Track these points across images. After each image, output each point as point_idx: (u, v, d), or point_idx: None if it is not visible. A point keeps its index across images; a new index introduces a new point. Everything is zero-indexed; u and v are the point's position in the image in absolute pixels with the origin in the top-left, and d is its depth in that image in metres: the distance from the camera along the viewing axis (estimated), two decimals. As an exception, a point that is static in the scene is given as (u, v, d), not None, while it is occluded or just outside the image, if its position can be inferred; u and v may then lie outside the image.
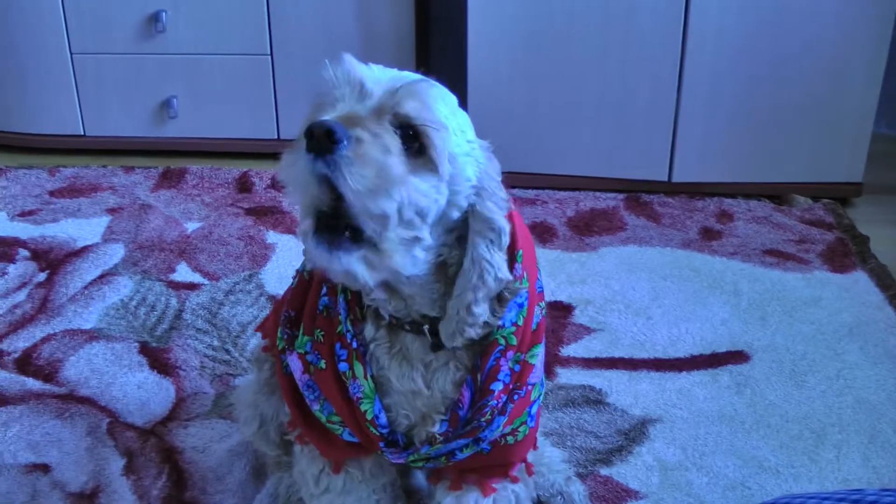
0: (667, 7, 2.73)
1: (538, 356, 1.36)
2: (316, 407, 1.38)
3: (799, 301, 2.36)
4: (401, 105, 1.12)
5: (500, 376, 1.31)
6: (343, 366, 1.32)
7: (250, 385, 1.67)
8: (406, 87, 1.14)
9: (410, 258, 1.16)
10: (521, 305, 1.32)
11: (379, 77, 1.16)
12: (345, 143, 1.07)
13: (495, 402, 1.32)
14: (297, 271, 1.48)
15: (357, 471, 1.48)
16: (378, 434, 1.35)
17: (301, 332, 1.38)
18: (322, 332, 1.33)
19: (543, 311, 1.39)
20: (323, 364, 1.33)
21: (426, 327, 1.28)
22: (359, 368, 1.31)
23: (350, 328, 1.31)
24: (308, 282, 1.41)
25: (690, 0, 2.72)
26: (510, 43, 2.83)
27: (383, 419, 1.34)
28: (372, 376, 1.33)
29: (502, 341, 1.30)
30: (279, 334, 1.45)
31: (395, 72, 1.19)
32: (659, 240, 2.67)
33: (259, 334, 1.67)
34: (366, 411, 1.33)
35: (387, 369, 1.32)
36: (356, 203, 1.08)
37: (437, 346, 1.29)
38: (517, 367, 1.33)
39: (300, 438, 1.47)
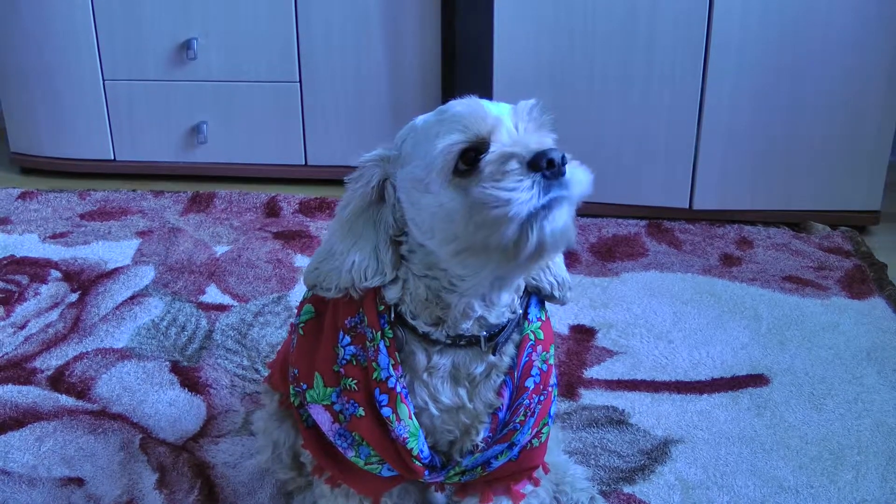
0: (688, 39, 2.77)
1: (553, 357, 1.42)
2: (351, 454, 1.39)
3: (817, 326, 2.38)
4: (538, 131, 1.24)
5: (533, 373, 1.37)
6: (386, 411, 1.33)
7: (263, 415, 1.71)
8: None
9: None
10: (541, 301, 1.41)
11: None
12: (566, 165, 1.17)
13: (528, 401, 1.37)
14: (293, 325, 1.51)
15: (387, 498, 1.52)
16: (421, 465, 1.38)
17: (319, 384, 1.39)
18: (355, 381, 1.35)
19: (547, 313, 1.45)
20: (362, 412, 1.35)
21: (484, 333, 1.32)
22: (403, 410, 1.33)
23: (393, 373, 1.33)
24: (311, 336, 1.44)
25: (711, 32, 2.76)
26: (534, 74, 2.87)
27: (426, 452, 1.38)
28: (415, 414, 1.36)
29: (532, 336, 1.37)
30: (291, 391, 1.48)
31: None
32: (680, 266, 2.70)
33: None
34: (411, 448, 1.35)
35: (440, 393, 1.35)
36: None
37: (491, 350, 1.34)
38: (545, 367, 1.39)
39: (331, 481, 1.49)
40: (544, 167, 1.15)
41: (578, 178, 1.19)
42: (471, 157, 1.20)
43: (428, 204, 1.22)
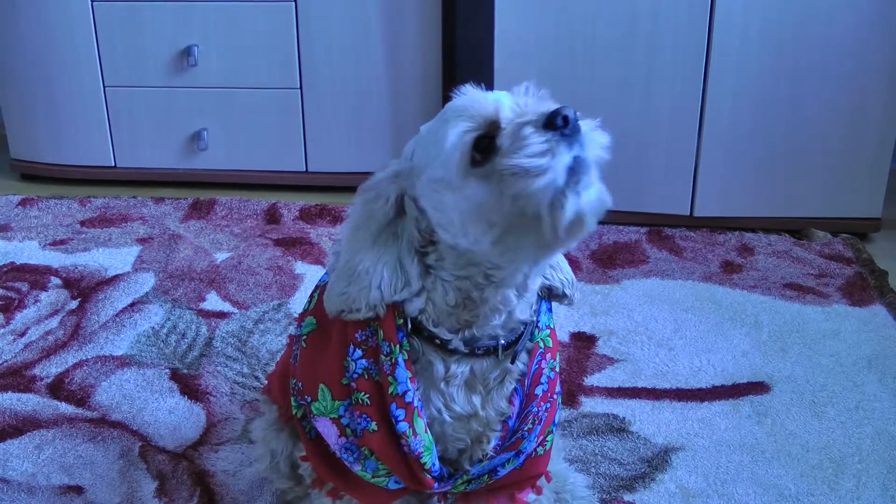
0: (688, 45, 2.77)
1: (557, 366, 1.43)
2: (358, 468, 1.39)
3: (818, 334, 2.38)
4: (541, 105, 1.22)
5: (542, 381, 1.37)
6: (403, 426, 1.32)
7: (262, 423, 1.70)
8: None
9: None
10: (549, 310, 1.41)
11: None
12: (579, 121, 1.18)
13: (536, 409, 1.37)
14: (291, 337, 1.50)
15: None
16: (431, 477, 1.38)
17: (326, 397, 1.38)
18: (367, 396, 1.34)
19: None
20: (374, 426, 1.34)
21: (502, 342, 1.32)
22: (419, 424, 1.33)
23: (410, 387, 1.32)
24: (314, 348, 1.43)
25: (712, 39, 2.76)
26: (535, 80, 2.87)
27: (437, 465, 1.37)
28: (429, 426, 1.35)
29: (542, 344, 1.37)
30: (293, 402, 1.47)
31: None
32: (681, 273, 2.70)
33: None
34: (425, 462, 1.35)
35: (454, 401, 1.35)
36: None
37: (509, 358, 1.34)
38: (552, 375, 1.39)
39: (333, 494, 1.48)
40: (560, 125, 1.14)
41: (595, 137, 1.20)
42: (485, 145, 1.18)
43: (453, 201, 1.20)
